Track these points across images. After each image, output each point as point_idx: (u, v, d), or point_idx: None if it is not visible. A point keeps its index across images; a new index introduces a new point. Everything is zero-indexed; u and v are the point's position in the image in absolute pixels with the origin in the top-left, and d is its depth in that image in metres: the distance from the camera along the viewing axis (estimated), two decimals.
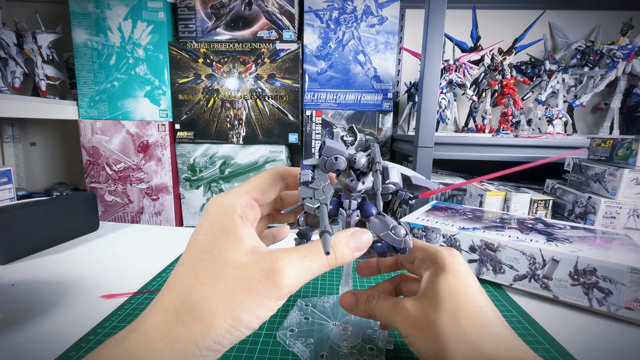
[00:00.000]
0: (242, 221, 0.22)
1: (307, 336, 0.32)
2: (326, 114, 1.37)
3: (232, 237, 0.21)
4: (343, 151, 0.26)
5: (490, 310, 0.23)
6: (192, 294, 0.19)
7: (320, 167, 0.27)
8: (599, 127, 1.42)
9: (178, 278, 0.20)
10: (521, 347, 0.22)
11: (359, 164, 0.26)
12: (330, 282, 0.45)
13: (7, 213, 0.48)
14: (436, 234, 0.49)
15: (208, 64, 1.30)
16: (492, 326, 0.22)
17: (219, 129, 1.35)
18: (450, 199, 1.04)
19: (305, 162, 0.28)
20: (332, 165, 0.26)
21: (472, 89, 1.37)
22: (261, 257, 0.20)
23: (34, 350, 0.30)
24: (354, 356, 0.29)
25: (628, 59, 1.19)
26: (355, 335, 0.32)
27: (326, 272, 0.48)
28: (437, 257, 0.26)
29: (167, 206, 1.37)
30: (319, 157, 0.27)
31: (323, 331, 0.33)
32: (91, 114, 1.33)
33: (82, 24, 1.27)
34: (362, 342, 0.31)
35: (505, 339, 0.22)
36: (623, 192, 0.64)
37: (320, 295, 0.41)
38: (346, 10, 1.30)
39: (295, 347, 0.31)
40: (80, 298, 0.39)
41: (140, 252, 0.54)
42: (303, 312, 0.36)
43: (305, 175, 0.26)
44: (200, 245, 0.21)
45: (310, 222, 0.28)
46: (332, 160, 0.26)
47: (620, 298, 0.36)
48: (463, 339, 0.22)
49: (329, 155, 0.26)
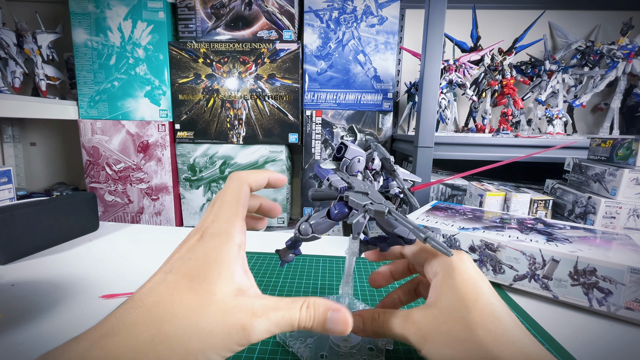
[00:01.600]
0: (237, 251, 0.22)
1: (306, 336, 0.32)
2: (326, 114, 1.37)
3: (225, 271, 0.21)
4: (363, 153, 0.27)
5: (505, 316, 0.22)
6: (172, 324, 0.18)
7: (341, 169, 0.27)
8: (599, 127, 1.42)
9: (158, 295, 0.19)
10: (541, 354, 0.20)
11: (376, 164, 0.27)
12: (330, 282, 0.45)
13: (7, 213, 0.48)
14: (436, 233, 0.49)
15: (208, 64, 1.30)
16: (508, 334, 0.21)
17: (219, 129, 1.35)
18: (450, 199, 1.04)
19: (324, 166, 0.28)
20: (355, 167, 0.27)
21: (472, 89, 1.37)
22: (243, 305, 0.20)
23: (34, 350, 0.30)
24: (353, 356, 0.29)
25: (628, 59, 1.19)
26: (355, 335, 0.32)
27: (326, 272, 0.48)
28: (444, 260, 0.25)
29: (167, 206, 1.37)
30: (333, 159, 0.27)
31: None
32: (91, 114, 1.33)
33: (82, 24, 1.27)
34: (362, 342, 0.31)
35: (524, 346, 0.20)
36: (623, 192, 0.64)
37: (320, 294, 0.41)
38: (346, 10, 1.30)
39: (294, 347, 0.31)
40: (80, 298, 0.39)
41: (140, 252, 0.54)
42: None
43: (338, 181, 0.26)
44: (192, 263, 0.21)
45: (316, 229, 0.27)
46: (355, 162, 0.27)
47: (620, 298, 0.36)
48: (478, 348, 0.21)
49: (352, 157, 0.26)
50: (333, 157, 0.28)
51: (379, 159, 0.28)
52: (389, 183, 0.29)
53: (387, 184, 0.29)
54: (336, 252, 0.55)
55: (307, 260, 0.51)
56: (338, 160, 0.28)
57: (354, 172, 0.27)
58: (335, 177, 0.26)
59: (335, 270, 0.49)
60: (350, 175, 0.27)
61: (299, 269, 0.48)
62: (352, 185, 0.25)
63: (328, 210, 0.26)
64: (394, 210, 0.23)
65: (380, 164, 0.28)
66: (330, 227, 0.27)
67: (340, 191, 0.25)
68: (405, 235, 0.26)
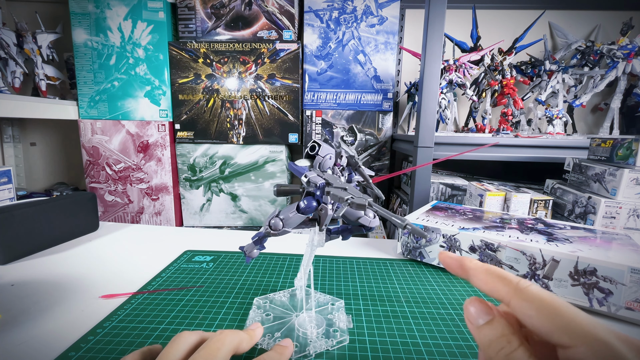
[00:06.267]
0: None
1: (272, 331, 0.33)
2: (326, 114, 1.37)
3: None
4: (333, 151, 0.30)
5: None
6: None
7: (314, 166, 0.30)
8: (599, 127, 1.42)
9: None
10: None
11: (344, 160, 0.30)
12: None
13: (7, 213, 0.48)
14: (436, 234, 0.49)
15: (208, 64, 1.30)
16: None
17: (219, 129, 1.35)
18: (450, 199, 1.04)
19: (298, 163, 0.31)
20: (326, 164, 0.29)
21: (472, 89, 1.37)
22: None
23: (34, 350, 0.30)
24: (322, 340, 0.31)
25: (628, 59, 1.18)
26: (319, 320, 0.34)
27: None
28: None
29: (167, 206, 1.37)
30: (305, 156, 0.30)
31: (287, 323, 0.34)
32: (91, 114, 1.33)
33: (82, 24, 1.27)
34: (327, 326, 0.33)
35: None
36: (623, 192, 0.64)
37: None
38: (346, 10, 1.30)
39: (263, 344, 0.31)
40: (80, 298, 0.39)
41: (140, 252, 0.54)
42: (263, 309, 0.37)
43: (316, 178, 0.28)
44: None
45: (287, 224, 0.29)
46: (327, 159, 0.29)
47: (620, 298, 0.36)
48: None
49: (324, 155, 0.29)
50: (306, 154, 0.30)
51: (346, 156, 0.31)
52: (352, 177, 0.33)
53: (351, 178, 0.33)
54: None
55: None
56: (311, 158, 0.30)
57: (325, 168, 0.29)
58: (312, 174, 0.28)
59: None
60: (323, 171, 0.30)
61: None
62: (330, 182, 0.27)
63: (297, 205, 0.28)
64: (373, 202, 0.25)
65: (346, 160, 0.31)
66: (300, 221, 0.29)
67: (320, 187, 0.27)
68: (367, 224, 0.29)
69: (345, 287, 0.43)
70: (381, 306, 0.39)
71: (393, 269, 0.49)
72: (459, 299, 0.40)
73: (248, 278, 0.45)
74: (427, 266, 0.50)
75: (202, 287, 0.42)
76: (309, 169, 0.30)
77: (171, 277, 0.45)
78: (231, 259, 0.51)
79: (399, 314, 0.37)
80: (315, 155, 0.30)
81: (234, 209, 1.41)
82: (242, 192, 1.39)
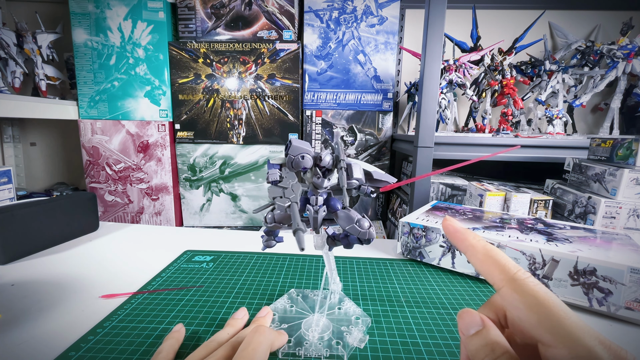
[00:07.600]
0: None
1: (283, 322, 0.34)
2: (326, 114, 1.37)
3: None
4: (309, 150, 0.28)
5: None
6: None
7: (287, 165, 0.28)
8: (599, 127, 1.42)
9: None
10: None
11: (325, 162, 0.28)
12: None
13: (7, 213, 0.48)
14: (436, 234, 0.49)
15: (208, 64, 1.30)
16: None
17: (219, 129, 1.35)
18: (450, 199, 1.04)
19: (272, 161, 0.30)
20: (299, 163, 0.28)
21: (472, 89, 1.37)
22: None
23: (34, 350, 0.30)
24: (319, 346, 0.31)
25: (628, 59, 1.18)
26: (326, 326, 0.33)
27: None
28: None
29: (167, 206, 1.37)
30: (285, 156, 0.29)
31: (299, 320, 0.34)
32: (91, 114, 1.33)
33: (82, 24, 1.27)
34: (332, 335, 0.32)
35: None
36: (623, 192, 0.64)
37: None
38: (346, 10, 1.30)
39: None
40: (80, 298, 0.39)
41: (140, 252, 0.54)
42: (291, 301, 0.38)
43: (273, 174, 0.28)
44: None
45: (278, 219, 0.30)
46: (298, 159, 0.27)
47: (620, 298, 0.36)
48: None
49: (295, 154, 0.28)
50: (285, 153, 0.29)
51: (331, 157, 0.29)
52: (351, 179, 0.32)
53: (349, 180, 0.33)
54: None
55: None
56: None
57: (299, 168, 0.28)
58: (273, 171, 0.29)
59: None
60: (296, 170, 0.29)
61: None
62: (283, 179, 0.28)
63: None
64: (294, 204, 0.26)
65: (330, 162, 0.29)
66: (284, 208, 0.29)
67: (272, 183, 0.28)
68: (356, 234, 0.28)
69: (345, 287, 0.43)
70: (381, 306, 0.39)
71: (393, 269, 0.49)
72: (459, 299, 0.40)
73: (248, 278, 0.45)
74: (427, 266, 0.50)
75: (202, 287, 0.42)
76: (279, 167, 0.30)
77: (171, 277, 0.45)
78: (231, 259, 0.51)
79: (398, 314, 0.37)
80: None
81: (234, 209, 1.41)
82: (242, 192, 1.39)
